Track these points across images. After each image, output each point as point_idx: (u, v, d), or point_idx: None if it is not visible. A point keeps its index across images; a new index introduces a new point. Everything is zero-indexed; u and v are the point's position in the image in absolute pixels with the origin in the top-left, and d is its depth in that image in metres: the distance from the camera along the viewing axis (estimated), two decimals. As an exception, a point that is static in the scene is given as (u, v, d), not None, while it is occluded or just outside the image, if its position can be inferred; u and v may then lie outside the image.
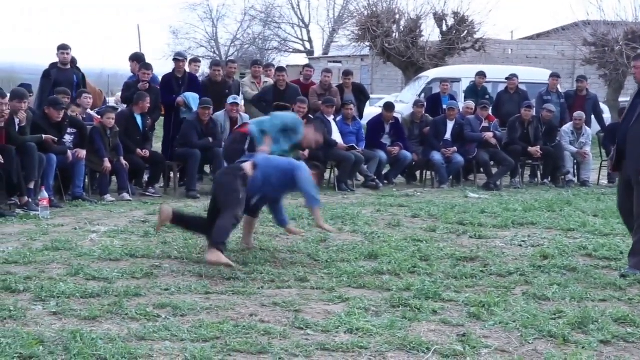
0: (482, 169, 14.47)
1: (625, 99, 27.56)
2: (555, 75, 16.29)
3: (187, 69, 13.75)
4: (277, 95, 13.27)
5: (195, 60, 15.37)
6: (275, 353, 4.82)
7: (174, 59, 13.65)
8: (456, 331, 5.39)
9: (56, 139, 10.65)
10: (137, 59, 13.65)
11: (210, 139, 12.16)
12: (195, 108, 12.51)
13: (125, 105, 12.70)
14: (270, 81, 14.23)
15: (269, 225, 9.31)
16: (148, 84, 12.53)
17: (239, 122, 12.74)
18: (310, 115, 13.29)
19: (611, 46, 25.98)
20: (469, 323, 5.59)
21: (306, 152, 12.27)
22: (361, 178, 13.66)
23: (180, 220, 7.73)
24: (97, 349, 4.70)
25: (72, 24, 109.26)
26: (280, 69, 14.20)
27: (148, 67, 12.80)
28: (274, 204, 7.87)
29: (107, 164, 11.16)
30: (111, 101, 14.90)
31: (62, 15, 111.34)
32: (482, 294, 6.35)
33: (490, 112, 14.57)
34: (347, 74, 15.04)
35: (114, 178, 11.80)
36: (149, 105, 12.04)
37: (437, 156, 13.92)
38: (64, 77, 12.23)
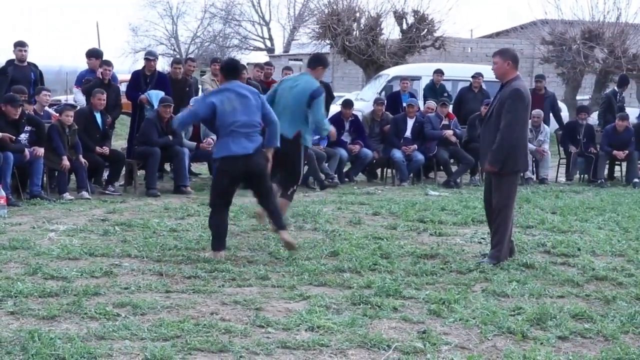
0: (441, 167, 14.55)
1: (582, 97, 27.90)
2: (513, 74, 16.40)
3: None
4: None
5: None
6: (236, 351, 4.81)
7: (145, 58, 13.61)
8: (416, 328, 5.42)
9: (13, 137, 10.52)
10: (96, 54, 13.53)
11: (171, 137, 12.08)
12: (156, 106, 12.43)
13: (84, 102, 12.57)
14: None
15: (230, 223, 9.28)
16: (108, 80, 12.47)
17: (201, 127, 12.70)
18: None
19: (569, 45, 26.22)
20: (429, 320, 5.63)
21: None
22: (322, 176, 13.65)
23: None
24: (55, 349, 4.66)
25: (28, 21, 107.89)
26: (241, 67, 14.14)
27: (109, 63, 12.73)
28: None
29: (66, 162, 11.04)
30: (70, 99, 14.72)
31: (18, 13, 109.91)
32: (442, 291, 6.39)
33: (450, 109, 14.66)
34: None
35: (72, 176, 11.68)
36: (104, 101, 11.92)
37: (397, 154, 13.97)
38: (20, 74, 12.08)
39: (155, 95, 12.71)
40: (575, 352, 5.05)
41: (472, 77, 16.22)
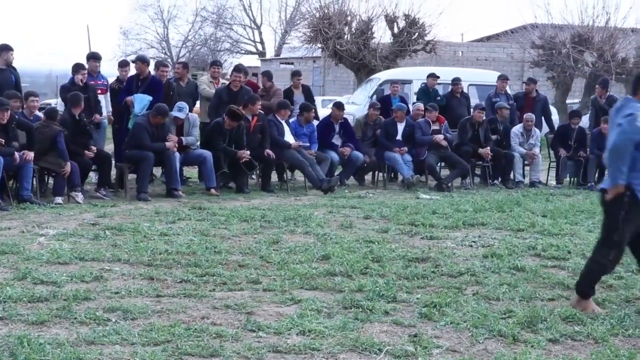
0: (428, 172, 14.51)
1: (572, 101, 27.98)
2: (503, 78, 16.42)
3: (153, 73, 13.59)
4: (230, 96, 13.22)
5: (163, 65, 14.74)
6: (227, 356, 4.81)
7: (134, 61, 13.64)
8: (408, 332, 5.42)
9: (3, 140, 10.47)
10: (94, 57, 13.52)
11: (165, 143, 11.98)
12: (137, 110, 12.36)
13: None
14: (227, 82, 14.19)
15: (221, 227, 9.28)
16: (84, 83, 12.41)
17: (185, 127, 12.60)
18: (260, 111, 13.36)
19: (558, 49, 26.35)
20: (421, 323, 5.63)
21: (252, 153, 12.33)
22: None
23: None
24: (45, 354, 4.64)
25: (18, 23, 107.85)
26: (237, 69, 14.03)
27: (84, 67, 12.63)
28: None
29: (68, 167, 10.93)
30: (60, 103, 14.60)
31: (8, 16, 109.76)
32: (434, 294, 6.39)
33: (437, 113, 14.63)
34: (296, 74, 15.13)
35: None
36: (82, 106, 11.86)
37: (391, 153, 13.99)
38: (2, 77, 11.97)
39: (139, 99, 12.55)
40: (566, 354, 5.06)
41: (452, 83, 16.22)
